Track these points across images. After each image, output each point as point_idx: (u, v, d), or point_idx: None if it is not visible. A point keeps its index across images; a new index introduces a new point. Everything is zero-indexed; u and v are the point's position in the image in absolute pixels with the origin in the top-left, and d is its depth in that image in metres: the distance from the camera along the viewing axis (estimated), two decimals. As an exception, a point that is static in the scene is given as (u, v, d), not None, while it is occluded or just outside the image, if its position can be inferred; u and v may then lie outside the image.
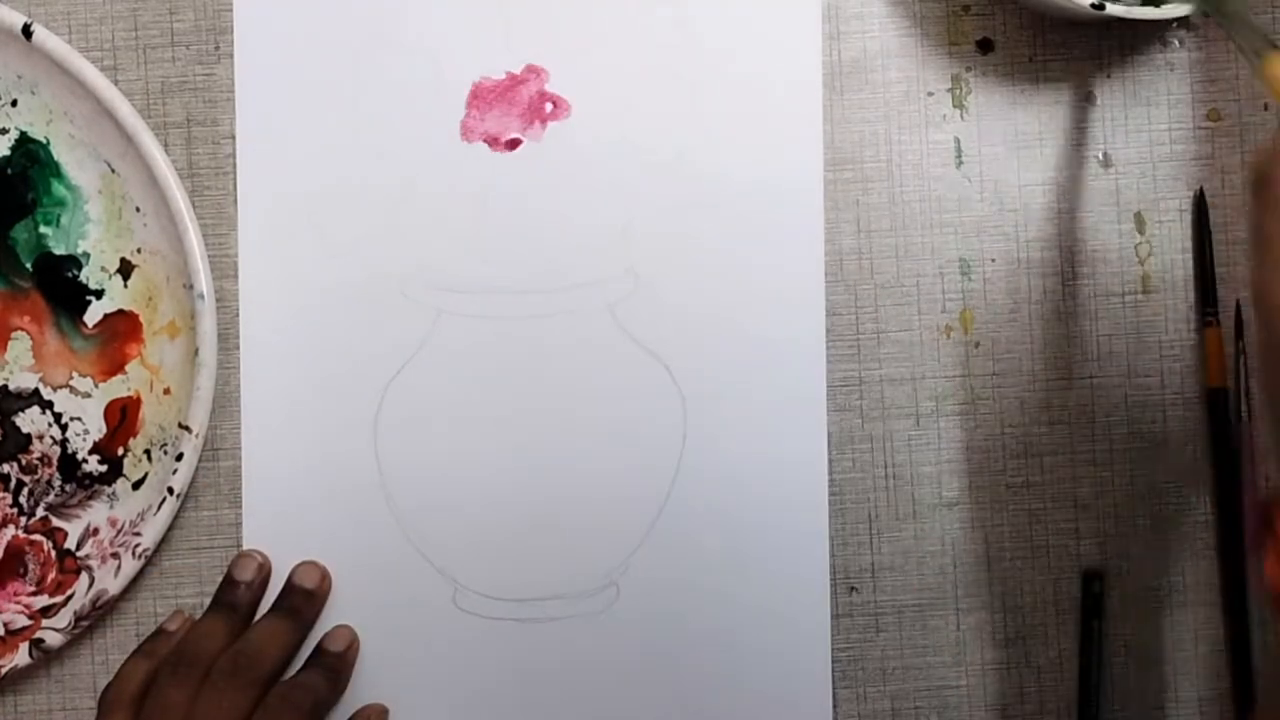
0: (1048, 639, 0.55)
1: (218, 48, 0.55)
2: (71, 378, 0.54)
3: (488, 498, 0.54)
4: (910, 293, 0.55)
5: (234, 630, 0.52)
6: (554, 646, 0.54)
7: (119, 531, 0.53)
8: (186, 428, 0.52)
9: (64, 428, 0.54)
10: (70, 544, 0.54)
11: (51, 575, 0.54)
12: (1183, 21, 0.55)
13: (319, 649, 0.53)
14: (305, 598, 0.53)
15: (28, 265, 0.54)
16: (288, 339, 0.54)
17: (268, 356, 0.54)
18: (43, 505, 0.54)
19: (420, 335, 0.54)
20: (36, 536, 0.54)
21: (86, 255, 0.54)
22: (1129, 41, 0.55)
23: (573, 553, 0.54)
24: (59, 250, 0.54)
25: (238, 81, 0.54)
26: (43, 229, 0.54)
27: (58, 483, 0.54)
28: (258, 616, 0.53)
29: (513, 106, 0.54)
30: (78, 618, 0.53)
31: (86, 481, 0.54)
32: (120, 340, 0.54)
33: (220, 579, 0.53)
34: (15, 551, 0.54)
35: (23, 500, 0.54)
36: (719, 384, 0.54)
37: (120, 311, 0.54)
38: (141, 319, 0.54)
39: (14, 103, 0.54)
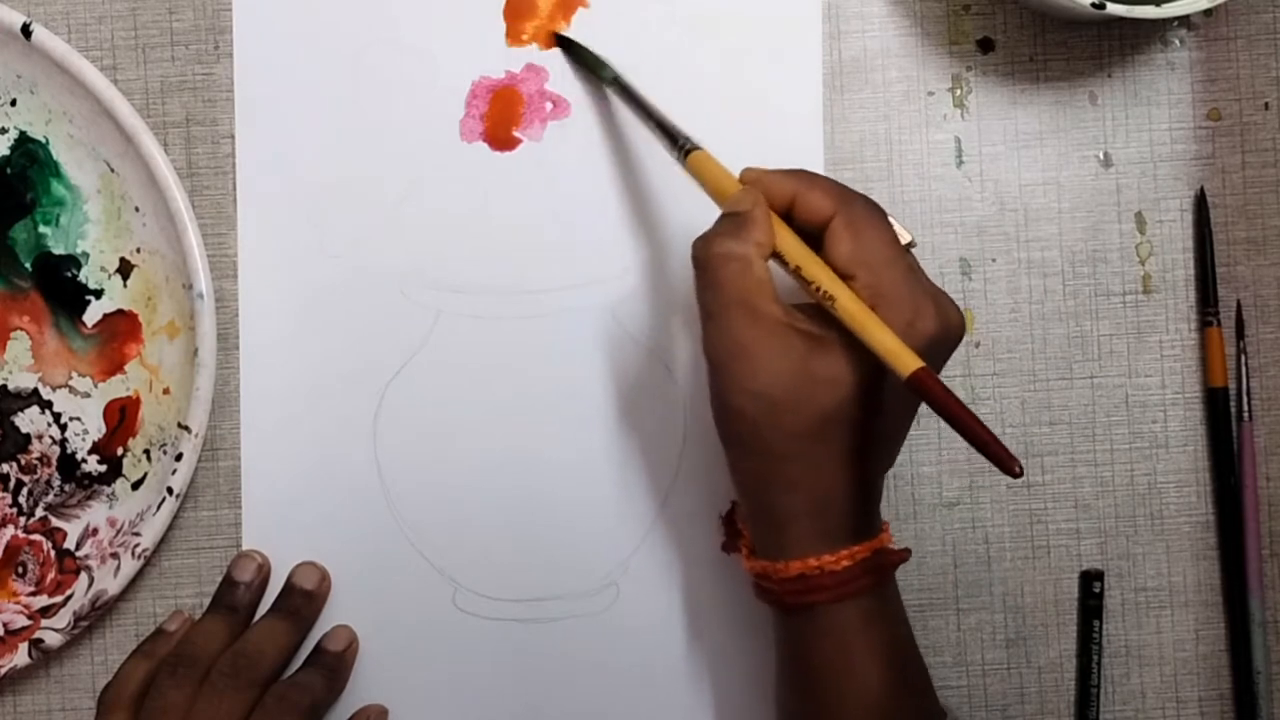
0: (1048, 639, 0.55)
1: (217, 47, 0.55)
2: (71, 378, 0.54)
3: (488, 498, 0.54)
4: (910, 292, 0.55)
5: (234, 631, 0.52)
6: (554, 646, 0.54)
7: (118, 531, 0.53)
8: (186, 428, 0.52)
9: (63, 428, 0.54)
10: (70, 544, 0.54)
11: (51, 575, 0.54)
12: (1183, 21, 0.55)
13: (318, 649, 0.53)
14: (305, 598, 0.53)
15: (27, 265, 0.54)
16: (287, 339, 0.54)
17: (267, 356, 0.54)
18: (42, 505, 0.54)
19: (420, 335, 0.54)
20: (36, 536, 0.54)
21: (86, 255, 0.54)
22: (1129, 41, 0.55)
23: (573, 553, 0.54)
24: (58, 250, 0.54)
25: (237, 81, 0.54)
26: (42, 229, 0.54)
27: (57, 483, 0.54)
28: (257, 617, 0.53)
29: (513, 106, 0.54)
30: (77, 618, 0.53)
31: (86, 481, 0.54)
32: (119, 340, 0.54)
33: (220, 579, 0.53)
34: (15, 551, 0.54)
35: (22, 500, 0.54)
36: (719, 384, 0.54)
37: (119, 311, 0.54)
38: (141, 319, 0.54)
39: (13, 102, 0.54)
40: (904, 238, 0.48)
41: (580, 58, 0.54)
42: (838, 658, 0.45)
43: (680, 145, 0.49)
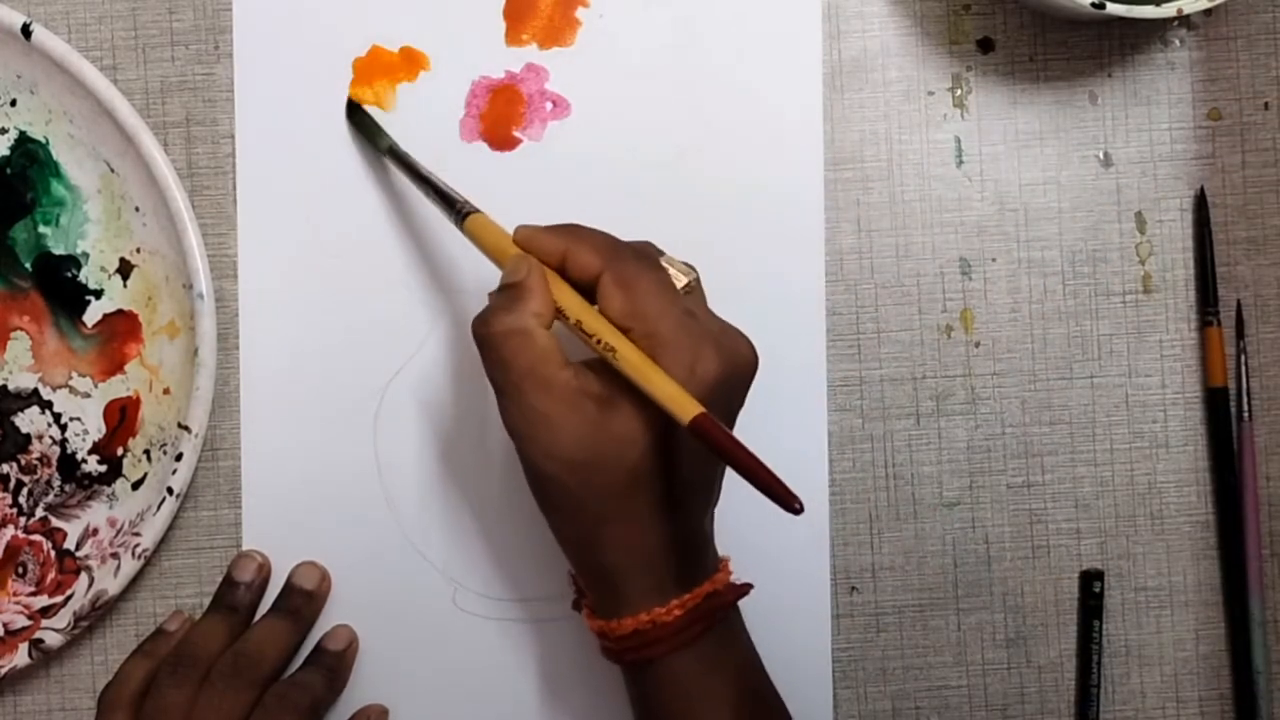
0: (1048, 639, 0.55)
1: (217, 47, 0.55)
2: (71, 378, 0.54)
3: (488, 498, 0.54)
4: (911, 292, 0.55)
5: (234, 631, 0.52)
6: (554, 646, 0.54)
7: (118, 532, 0.53)
8: (186, 428, 0.52)
9: (63, 428, 0.54)
10: (70, 544, 0.54)
11: (51, 575, 0.54)
12: (1183, 20, 0.55)
13: (318, 648, 0.53)
14: (305, 598, 0.53)
15: (27, 265, 0.54)
16: (287, 339, 0.54)
17: (267, 356, 0.54)
18: (42, 505, 0.54)
19: (420, 335, 0.54)
20: (36, 536, 0.54)
21: (86, 255, 0.54)
22: (1129, 40, 0.55)
23: (573, 553, 0.54)
24: (58, 250, 0.54)
25: (237, 81, 0.54)
26: (42, 229, 0.54)
27: (57, 483, 0.54)
28: (257, 617, 0.53)
29: (513, 106, 0.54)
30: (77, 618, 0.53)
31: (86, 481, 0.54)
32: (120, 340, 0.54)
33: (220, 579, 0.53)
34: (15, 551, 0.54)
35: (22, 500, 0.54)
36: (719, 384, 0.54)
37: (120, 311, 0.54)
38: (141, 319, 0.54)
39: (13, 102, 0.54)
40: (680, 280, 0.47)
41: (362, 125, 0.53)
42: (683, 710, 0.45)
43: (458, 209, 0.48)
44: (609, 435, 0.43)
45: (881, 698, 0.54)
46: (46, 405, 0.54)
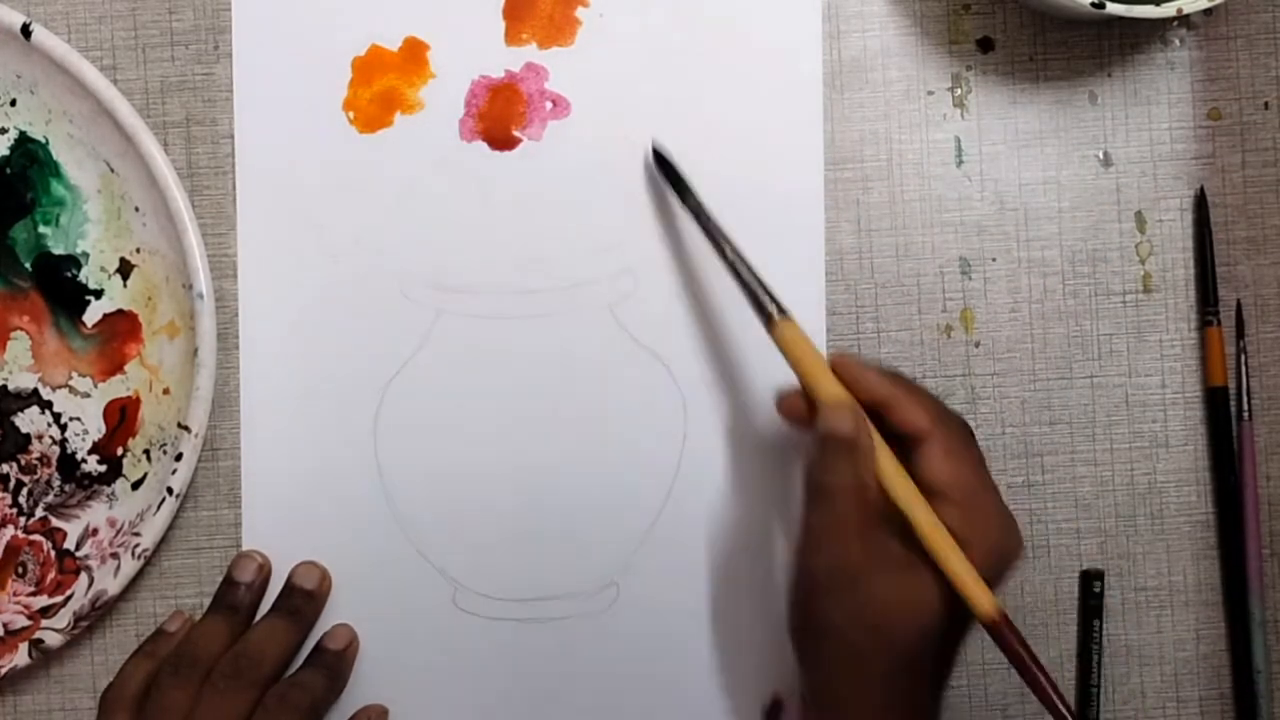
0: (1048, 638, 0.55)
1: (217, 47, 0.55)
2: (71, 378, 0.54)
3: (488, 498, 0.54)
4: (910, 292, 0.55)
5: (234, 631, 0.52)
6: (554, 646, 0.54)
7: (118, 532, 0.53)
8: (186, 428, 0.52)
9: (63, 428, 0.54)
10: (69, 544, 0.54)
11: (51, 575, 0.54)
12: (1183, 20, 0.55)
13: (318, 648, 0.53)
14: (305, 598, 0.53)
15: (27, 265, 0.54)
16: (287, 339, 0.54)
17: (267, 356, 0.54)
18: (42, 505, 0.54)
19: (420, 335, 0.54)
20: (36, 536, 0.54)
21: (86, 255, 0.54)
22: (1129, 40, 0.55)
23: (573, 553, 0.54)
24: (58, 250, 0.54)
25: (237, 81, 0.54)
26: (42, 229, 0.54)
27: (57, 483, 0.54)
28: (258, 617, 0.53)
29: (512, 106, 0.54)
30: (77, 618, 0.53)
31: (86, 481, 0.54)
32: (119, 340, 0.54)
33: (220, 579, 0.53)
34: (15, 551, 0.54)
35: (22, 500, 0.54)
36: (719, 384, 0.54)
37: (119, 311, 0.54)
38: (141, 319, 0.54)
39: (13, 102, 0.54)
40: None
41: (670, 177, 0.52)
42: None
43: (767, 312, 0.48)
44: (909, 601, 0.44)
45: (881, 697, 0.54)
46: (46, 405, 0.54)
